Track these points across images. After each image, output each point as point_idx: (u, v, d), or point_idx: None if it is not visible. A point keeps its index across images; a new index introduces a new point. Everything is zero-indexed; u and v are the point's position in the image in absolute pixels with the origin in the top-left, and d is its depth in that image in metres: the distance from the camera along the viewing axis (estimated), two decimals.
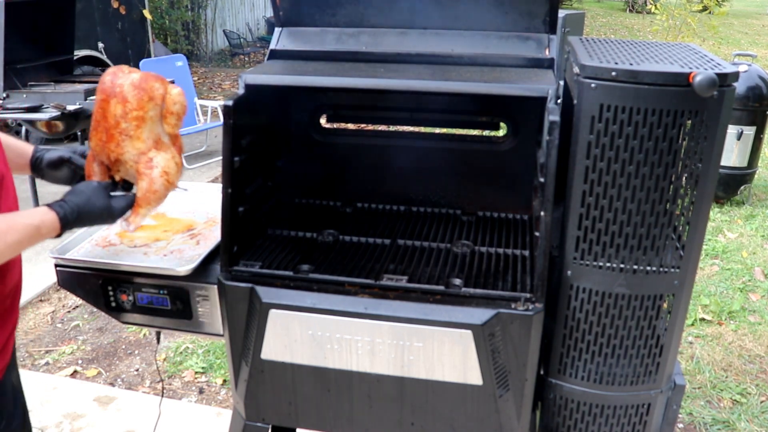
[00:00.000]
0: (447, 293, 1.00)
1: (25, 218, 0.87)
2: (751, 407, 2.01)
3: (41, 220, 0.89)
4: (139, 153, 0.98)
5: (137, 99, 0.95)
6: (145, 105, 0.96)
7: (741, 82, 3.34)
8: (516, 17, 1.15)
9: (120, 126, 0.96)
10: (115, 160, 0.99)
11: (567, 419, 1.05)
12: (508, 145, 1.32)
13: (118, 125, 0.96)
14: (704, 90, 0.79)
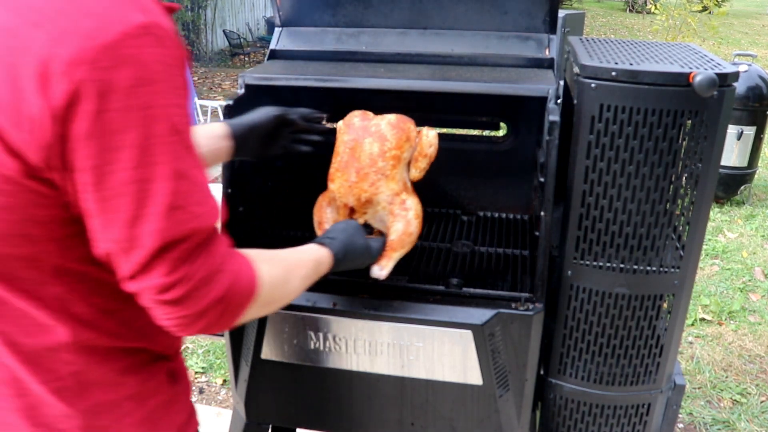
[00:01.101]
0: (447, 293, 1.00)
1: (304, 254, 0.80)
2: (751, 407, 2.01)
3: (318, 255, 0.82)
4: (393, 194, 0.94)
5: (396, 138, 0.93)
6: (403, 145, 0.94)
7: (741, 82, 3.34)
8: (516, 17, 1.15)
9: (376, 164, 0.92)
10: (366, 200, 0.94)
11: (567, 419, 1.05)
12: (508, 145, 1.32)
13: (374, 164, 0.92)
14: (704, 90, 0.79)
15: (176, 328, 0.61)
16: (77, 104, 0.50)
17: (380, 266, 0.93)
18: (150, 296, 0.58)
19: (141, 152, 0.53)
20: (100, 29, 0.51)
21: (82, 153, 0.52)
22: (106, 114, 0.51)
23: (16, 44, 0.50)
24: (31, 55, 0.50)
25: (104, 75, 0.50)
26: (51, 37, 0.50)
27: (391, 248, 0.94)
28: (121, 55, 0.51)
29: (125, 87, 0.51)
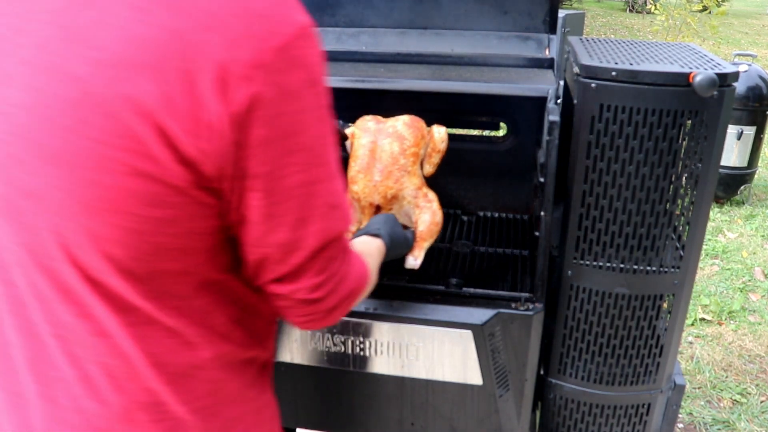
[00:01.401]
0: (447, 293, 1.01)
1: (371, 245, 0.82)
2: (751, 407, 2.01)
3: (378, 245, 0.84)
4: (416, 188, 1.00)
5: (414, 136, 0.99)
6: (419, 142, 1.00)
7: (741, 82, 3.34)
8: (516, 17, 1.15)
9: (399, 162, 0.98)
10: (393, 197, 0.99)
11: (567, 419, 1.05)
12: (508, 145, 1.33)
13: (396, 162, 0.98)
14: (704, 90, 0.79)
15: (307, 324, 0.62)
16: (256, 110, 0.48)
17: (414, 256, 0.99)
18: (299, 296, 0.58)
19: (310, 154, 0.53)
20: (272, 32, 0.49)
21: (257, 159, 0.50)
22: (282, 118, 0.50)
23: (187, 49, 0.47)
24: (208, 60, 0.47)
25: (279, 78, 0.49)
26: (226, 41, 0.47)
27: (422, 238, 1.00)
28: (292, 57, 0.49)
29: (297, 89, 0.50)
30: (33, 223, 0.51)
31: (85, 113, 0.47)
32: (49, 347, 0.55)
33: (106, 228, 0.49)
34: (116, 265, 0.51)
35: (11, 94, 0.49)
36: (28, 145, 0.49)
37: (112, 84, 0.46)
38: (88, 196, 0.48)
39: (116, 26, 0.47)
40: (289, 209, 0.54)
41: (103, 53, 0.47)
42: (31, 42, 0.49)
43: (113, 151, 0.47)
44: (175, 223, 0.51)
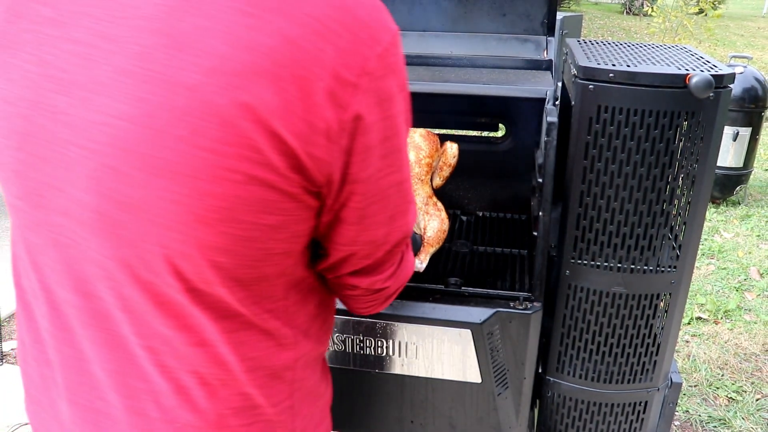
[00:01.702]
0: (446, 292, 1.01)
1: None
2: (746, 405, 2.03)
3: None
4: (427, 196, 1.05)
5: (429, 147, 1.04)
6: (434, 154, 1.05)
7: (737, 84, 3.36)
8: (514, 19, 1.16)
9: (414, 171, 1.03)
10: None
11: (565, 417, 1.06)
12: (506, 146, 1.34)
13: (411, 170, 1.02)
14: (700, 91, 0.80)
15: (367, 311, 0.66)
16: (362, 117, 0.49)
17: (420, 260, 1.04)
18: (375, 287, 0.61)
19: (400, 155, 0.55)
20: (374, 39, 0.49)
21: (363, 164, 0.51)
22: (382, 123, 0.51)
23: (301, 56, 0.46)
24: (322, 68, 0.46)
25: (380, 85, 0.50)
26: (337, 49, 0.47)
27: (429, 244, 1.05)
28: (389, 64, 0.50)
29: (393, 95, 0.52)
30: (132, 236, 0.49)
31: (198, 123, 0.45)
32: (136, 359, 0.54)
33: (218, 237, 0.49)
34: (224, 273, 0.51)
35: (109, 104, 0.47)
36: (131, 156, 0.47)
37: (227, 92, 0.45)
38: (202, 206, 0.47)
39: (226, 33, 0.45)
40: (382, 208, 0.56)
41: (213, 61, 0.45)
42: (127, 50, 0.47)
43: (229, 160, 0.46)
44: (283, 228, 0.51)
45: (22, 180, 0.52)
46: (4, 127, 0.52)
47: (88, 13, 0.48)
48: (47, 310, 0.57)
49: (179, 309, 0.52)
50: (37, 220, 0.54)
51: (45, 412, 0.63)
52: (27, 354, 0.63)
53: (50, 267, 0.55)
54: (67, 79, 0.48)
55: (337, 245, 0.57)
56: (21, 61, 0.50)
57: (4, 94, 0.52)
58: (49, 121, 0.49)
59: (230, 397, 0.56)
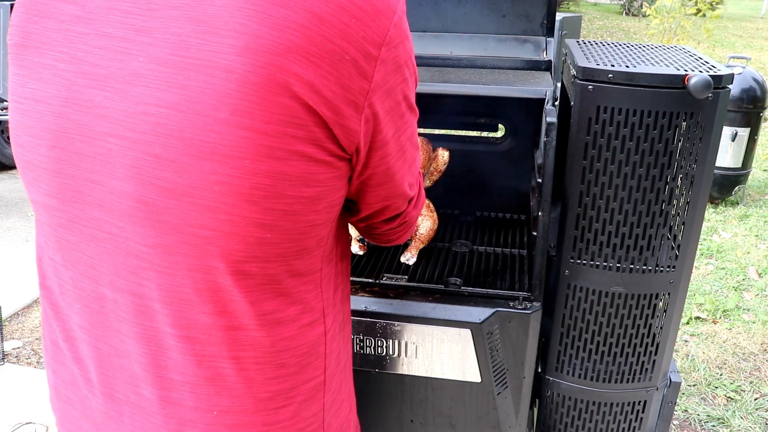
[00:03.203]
0: (446, 292, 1.02)
1: None
2: (745, 404, 2.03)
3: None
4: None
5: (423, 156, 1.10)
6: (426, 163, 1.13)
7: (735, 85, 3.37)
8: (514, 20, 1.16)
9: None
10: None
11: (564, 416, 1.07)
12: (506, 146, 1.34)
13: None
14: (699, 92, 0.80)
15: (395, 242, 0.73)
16: (384, 84, 0.52)
17: (412, 255, 1.10)
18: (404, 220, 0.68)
19: (412, 111, 0.60)
20: (389, 9, 0.51)
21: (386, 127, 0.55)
22: (399, 87, 0.54)
23: (329, 30, 0.47)
24: (348, 41, 0.48)
25: (395, 52, 0.52)
26: (359, 21, 0.49)
27: (420, 240, 1.13)
28: (403, 31, 0.53)
29: (408, 58, 0.55)
30: (176, 222, 0.49)
31: (238, 104, 0.46)
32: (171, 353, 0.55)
33: (264, 214, 0.50)
34: (270, 249, 0.52)
35: (149, 94, 0.47)
36: (175, 142, 0.47)
37: (262, 69, 0.46)
38: (248, 185, 0.48)
39: (256, 11, 0.46)
40: (403, 162, 0.61)
41: (247, 40, 0.46)
42: (163, 41, 0.47)
43: (270, 138, 0.47)
44: (321, 199, 0.53)
45: (56, 177, 0.53)
46: (34, 127, 0.52)
47: (117, 8, 0.49)
48: (80, 307, 0.58)
49: (221, 294, 0.53)
50: (72, 217, 0.54)
51: (75, 410, 0.63)
52: (56, 353, 0.63)
53: (86, 263, 0.55)
54: (102, 73, 0.49)
55: (370, 204, 0.62)
56: (50, 60, 0.51)
57: (34, 94, 0.52)
58: (85, 116, 0.50)
59: (267, 380, 0.57)
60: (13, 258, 2.91)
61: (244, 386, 0.56)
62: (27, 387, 2.02)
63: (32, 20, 0.52)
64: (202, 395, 0.56)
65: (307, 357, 0.59)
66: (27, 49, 0.52)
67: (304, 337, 0.58)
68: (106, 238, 0.53)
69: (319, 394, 0.62)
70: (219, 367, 0.55)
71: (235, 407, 0.56)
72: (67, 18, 0.50)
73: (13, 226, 3.27)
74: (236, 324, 0.54)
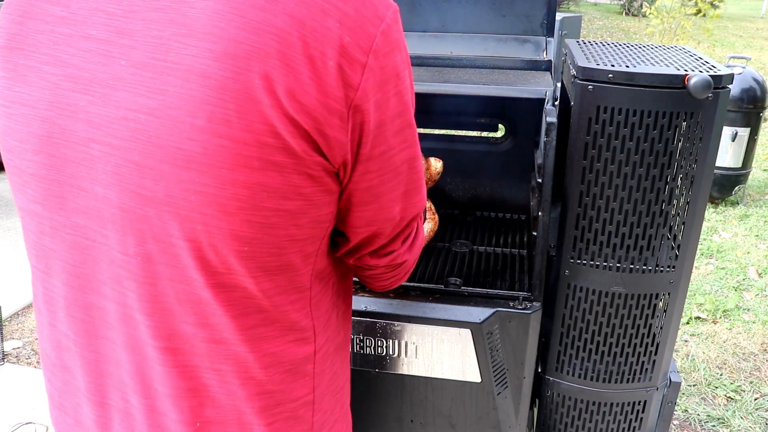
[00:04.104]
0: (446, 292, 1.02)
1: None
2: (745, 404, 2.04)
3: None
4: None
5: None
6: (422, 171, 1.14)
7: (735, 84, 3.37)
8: (514, 20, 1.16)
9: None
10: None
11: (564, 416, 1.07)
12: (506, 146, 1.34)
13: None
14: (699, 92, 0.80)
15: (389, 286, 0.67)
16: (372, 94, 0.49)
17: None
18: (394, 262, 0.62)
19: (411, 131, 0.55)
20: (377, 16, 0.49)
21: (376, 141, 0.51)
22: (392, 99, 0.51)
23: (310, 35, 0.45)
24: (330, 47, 0.46)
25: (386, 62, 0.49)
26: (343, 27, 0.46)
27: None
28: (393, 41, 0.50)
29: (399, 71, 0.51)
30: (156, 231, 0.48)
31: (215, 111, 0.44)
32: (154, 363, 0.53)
33: (242, 226, 0.48)
34: (249, 263, 0.50)
35: (129, 99, 0.46)
36: (153, 149, 0.46)
37: (240, 76, 0.44)
38: (224, 196, 0.46)
39: (236, 15, 0.44)
40: (396, 185, 0.56)
41: (225, 45, 0.44)
42: (144, 43, 0.46)
43: (248, 147, 0.45)
44: (303, 213, 0.51)
45: (42, 183, 0.52)
46: (21, 131, 0.51)
47: (102, 10, 0.48)
48: (66, 316, 0.57)
49: (202, 306, 0.51)
50: (55, 224, 0.53)
51: (69, 417, 0.62)
52: (48, 361, 0.62)
53: (70, 272, 0.54)
54: (86, 76, 0.48)
55: (355, 228, 0.57)
56: (36, 62, 0.50)
57: (20, 97, 0.51)
58: (69, 120, 0.49)
59: (250, 395, 0.55)
60: (13, 258, 2.91)
61: (227, 399, 0.55)
62: (27, 387, 2.02)
63: (17, 21, 0.51)
64: (185, 407, 0.54)
65: (292, 374, 0.57)
66: (13, 51, 0.51)
67: (288, 355, 0.57)
68: (90, 245, 0.52)
69: (308, 413, 0.60)
70: (202, 378, 0.54)
71: (218, 419, 0.55)
72: (53, 19, 0.49)
73: (13, 226, 3.27)
74: (218, 337, 0.53)
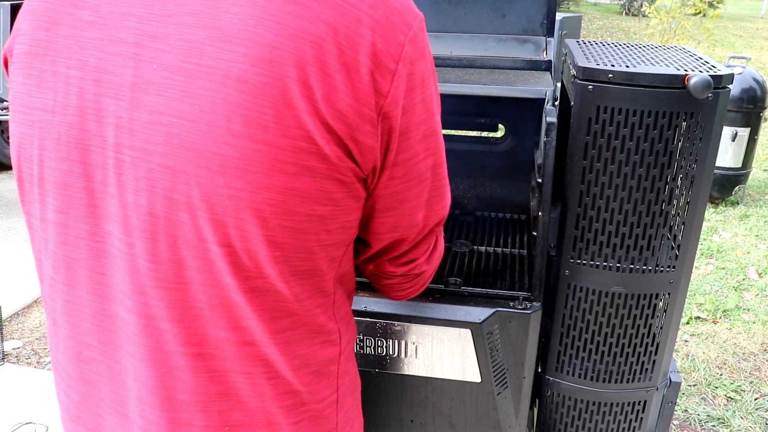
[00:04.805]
0: (446, 292, 1.02)
1: None
2: (745, 404, 2.04)
3: None
4: None
5: None
6: None
7: (735, 85, 3.37)
8: (514, 20, 1.16)
9: None
10: None
11: (564, 416, 1.07)
12: (506, 146, 1.34)
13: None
14: (699, 92, 0.80)
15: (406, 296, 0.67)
16: (399, 101, 0.50)
17: None
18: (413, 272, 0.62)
19: (436, 138, 0.55)
20: (405, 24, 0.49)
21: (401, 147, 0.52)
22: (418, 107, 0.52)
23: (345, 43, 0.46)
24: (366, 55, 0.47)
25: (415, 69, 0.50)
26: (376, 35, 0.47)
27: None
28: (419, 49, 0.51)
29: (425, 78, 0.52)
30: (189, 236, 0.48)
31: (252, 116, 0.44)
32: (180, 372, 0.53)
33: (275, 230, 0.48)
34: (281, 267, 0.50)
35: (162, 103, 0.46)
36: (188, 154, 0.45)
37: (277, 82, 0.44)
38: (259, 200, 0.46)
39: (272, 21, 0.45)
40: (420, 192, 0.57)
41: (262, 50, 0.44)
42: (177, 47, 0.46)
43: (284, 152, 0.46)
44: (333, 219, 0.51)
45: (67, 191, 0.51)
46: (43, 138, 0.50)
47: (132, 14, 0.48)
48: (90, 326, 0.56)
49: (234, 310, 0.51)
50: (80, 233, 0.52)
51: (86, 430, 0.61)
52: (64, 373, 0.61)
53: (95, 280, 0.53)
54: (115, 80, 0.47)
55: (378, 234, 0.58)
56: (63, 68, 0.49)
57: (44, 104, 0.50)
58: (98, 125, 0.48)
59: (279, 395, 0.56)
60: (13, 258, 2.91)
61: (256, 401, 0.55)
62: (27, 387, 2.02)
63: (44, 27, 0.50)
64: (213, 412, 0.54)
65: (318, 376, 0.58)
66: (37, 57, 0.50)
67: (316, 356, 0.57)
68: (115, 254, 0.51)
69: (333, 413, 0.61)
70: (231, 382, 0.54)
71: (246, 422, 0.55)
72: (81, 24, 0.49)
73: (13, 226, 3.27)
74: (249, 339, 0.52)
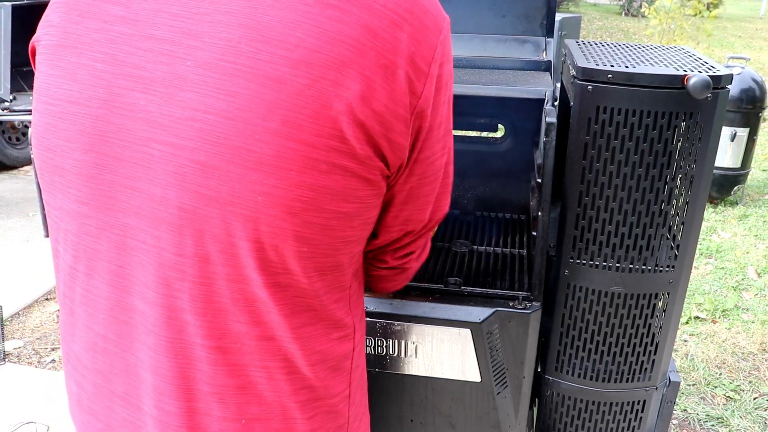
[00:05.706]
0: (446, 292, 1.02)
1: None
2: (744, 403, 2.04)
3: None
4: None
5: None
6: None
7: (734, 85, 3.38)
8: (514, 21, 1.17)
9: None
10: None
11: (564, 416, 1.07)
12: (505, 146, 1.34)
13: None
14: (698, 92, 0.81)
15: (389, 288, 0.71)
16: (430, 101, 0.51)
17: None
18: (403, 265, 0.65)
19: (449, 138, 0.58)
20: (436, 27, 0.51)
21: (424, 145, 0.54)
22: (441, 107, 0.54)
23: (382, 46, 0.47)
24: (401, 57, 0.48)
25: (443, 70, 0.52)
26: (411, 38, 0.49)
27: None
28: (447, 51, 0.53)
29: (449, 80, 0.54)
30: (217, 231, 0.48)
31: (288, 115, 0.46)
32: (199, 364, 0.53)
33: (304, 227, 0.49)
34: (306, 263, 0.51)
35: (196, 99, 0.46)
36: (222, 150, 0.46)
37: (316, 83, 0.46)
38: (291, 197, 0.47)
39: (312, 25, 0.46)
40: (432, 189, 0.59)
41: (302, 53, 0.45)
42: (212, 45, 0.46)
43: (318, 150, 0.47)
44: (357, 216, 0.52)
45: (90, 182, 0.51)
46: (68, 129, 0.50)
47: (164, 11, 0.48)
48: (106, 317, 0.56)
49: (256, 305, 0.52)
50: (102, 225, 0.52)
51: (99, 422, 0.61)
52: (79, 363, 0.61)
53: (114, 273, 0.54)
54: (146, 76, 0.48)
55: (390, 227, 0.60)
56: (89, 60, 0.49)
57: (69, 95, 0.50)
58: (126, 119, 0.48)
59: (296, 390, 0.56)
60: (13, 258, 2.91)
61: (273, 395, 0.56)
62: (28, 387, 2.02)
63: (74, 20, 0.51)
64: (231, 404, 0.55)
65: (333, 371, 0.59)
66: (66, 49, 0.51)
67: (333, 352, 0.58)
68: (139, 247, 0.51)
69: (345, 408, 0.62)
70: (250, 376, 0.54)
71: (264, 415, 0.56)
72: (111, 19, 0.49)
73: (13, 226, 3.27)
74: (270, 334, 0.53)
